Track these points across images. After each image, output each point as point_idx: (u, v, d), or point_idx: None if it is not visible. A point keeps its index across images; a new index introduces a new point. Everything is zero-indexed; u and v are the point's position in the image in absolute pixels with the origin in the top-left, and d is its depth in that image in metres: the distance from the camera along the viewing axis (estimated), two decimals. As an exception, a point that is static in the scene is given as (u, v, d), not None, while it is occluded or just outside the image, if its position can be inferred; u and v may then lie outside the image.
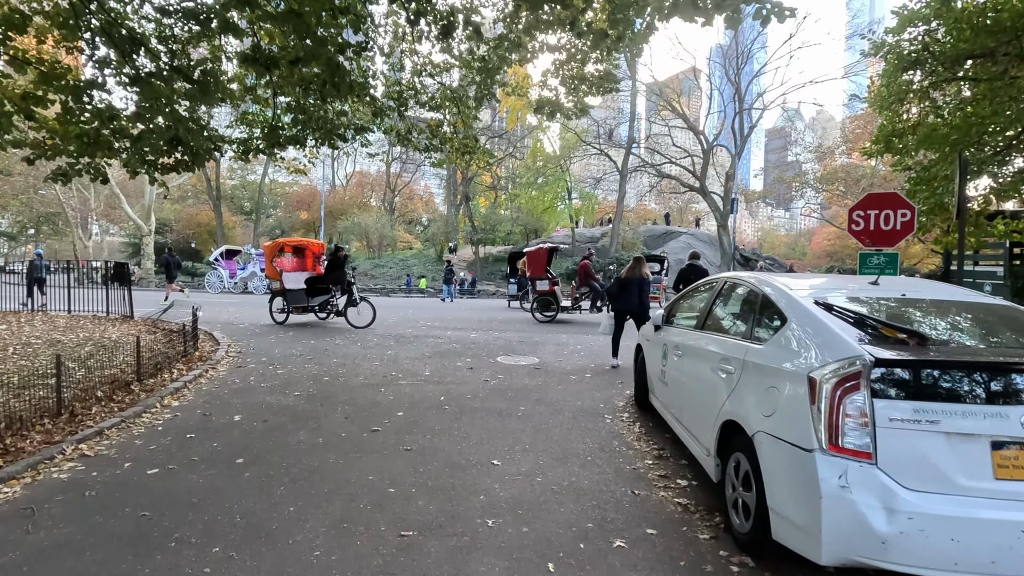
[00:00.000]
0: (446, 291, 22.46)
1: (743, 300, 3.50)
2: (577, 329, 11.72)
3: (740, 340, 3.15)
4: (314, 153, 11.62)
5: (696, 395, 3.57)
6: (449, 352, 8.38)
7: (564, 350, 8.81)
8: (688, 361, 3.87)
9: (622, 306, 7.78)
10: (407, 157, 60.68)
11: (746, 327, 3.24)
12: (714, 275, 4.74)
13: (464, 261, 43.33)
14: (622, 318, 7.89)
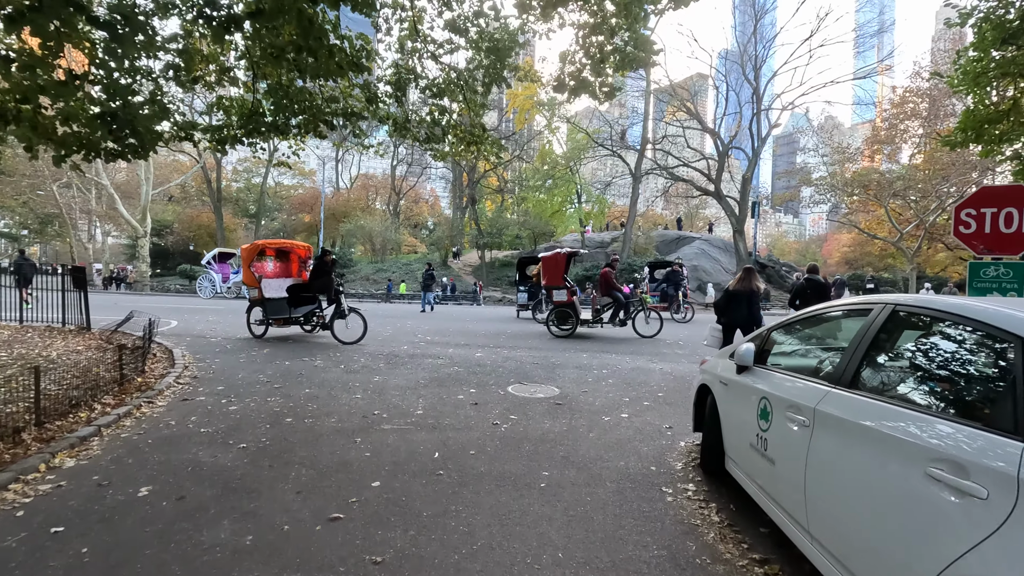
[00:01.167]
0: (424, 299, 19.58)
1: (967, 347, 2.02)
2: (600, 347, 10.23)
3: (988, 432, 1.67)
4: (299, 143, 10.26)
5: (863, 513, 2.06)
6: (449, 379, 6.92)
7: (588, 376, 7.33)
8: (831, 442, 2.37)
9: (731, 319, 7.43)
10: (412, 159, 59.60)
11: (990, 405, 1.77)
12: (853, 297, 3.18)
13: (469, 266, 41.96)
14: (731, 332, 7.47)
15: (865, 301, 2.70)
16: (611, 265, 11.59)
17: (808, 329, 3.17)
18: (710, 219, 56.75)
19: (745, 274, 7.59)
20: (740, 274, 7.68)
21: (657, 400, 6.08)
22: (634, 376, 7.39)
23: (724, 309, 7.54)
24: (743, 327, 7.36)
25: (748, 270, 7.66)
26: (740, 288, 7.48)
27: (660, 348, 10.17)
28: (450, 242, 39.68)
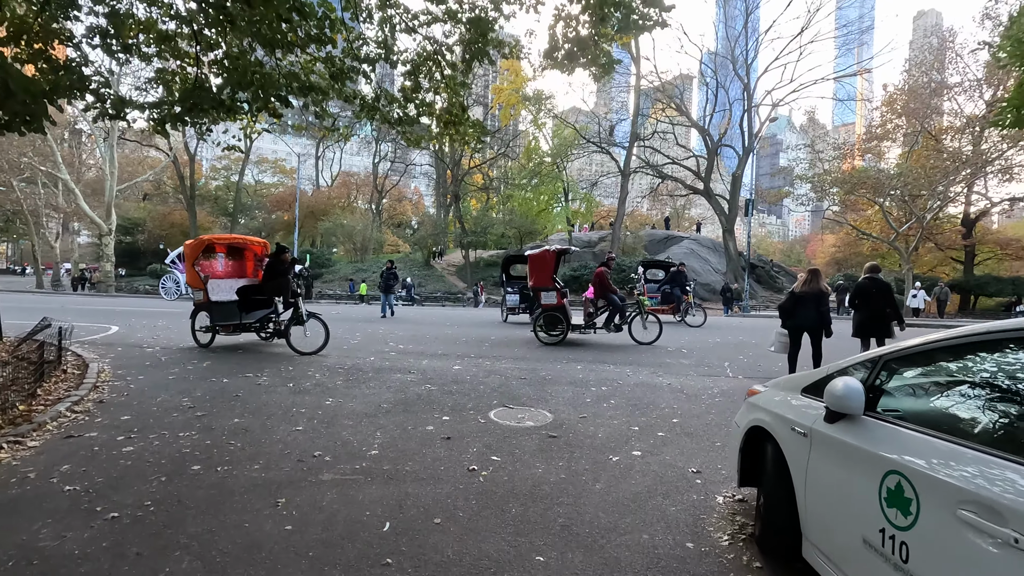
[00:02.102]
0: (384, 302, 16.18)
1: None
2: (595, 356, 9.09)
3: None
4: (252, 123, 8.98)
5: None
6: (419, 401, 5.71)
7: (586, 394, 6.18)
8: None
9: (799, 322, 7.36)
10: (396, 156, 58.12)
11: None
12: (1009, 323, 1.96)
13: (453, 266, 40.71)
14: (798, 335, 7.43)
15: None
16: (606, 264, 10.47)
17: (962, 361, 2.03)
18: (697, 219, 56.16)
19: (812, 275, 7.39)
20: (806, 275, 7.47)
21: (673, 429, 4.94)
22: (640, 395, 6.25)
23: (791, 312, 7.39)
24: (812, 331, 7.33)
25: (814, 271, 7.52)
26: (808, 290, 7.28)
27: (662, 357, 9.06)
28: (433, 241, 38.35)
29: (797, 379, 2.94)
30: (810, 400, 2.64)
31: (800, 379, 2.90)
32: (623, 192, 33.71)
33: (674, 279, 15.54)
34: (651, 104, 37.29)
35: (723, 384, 7.00)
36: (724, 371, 7.98)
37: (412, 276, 36.15)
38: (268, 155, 62.55)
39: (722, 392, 6.49)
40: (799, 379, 2.91)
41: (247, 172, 57.59)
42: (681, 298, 15.32)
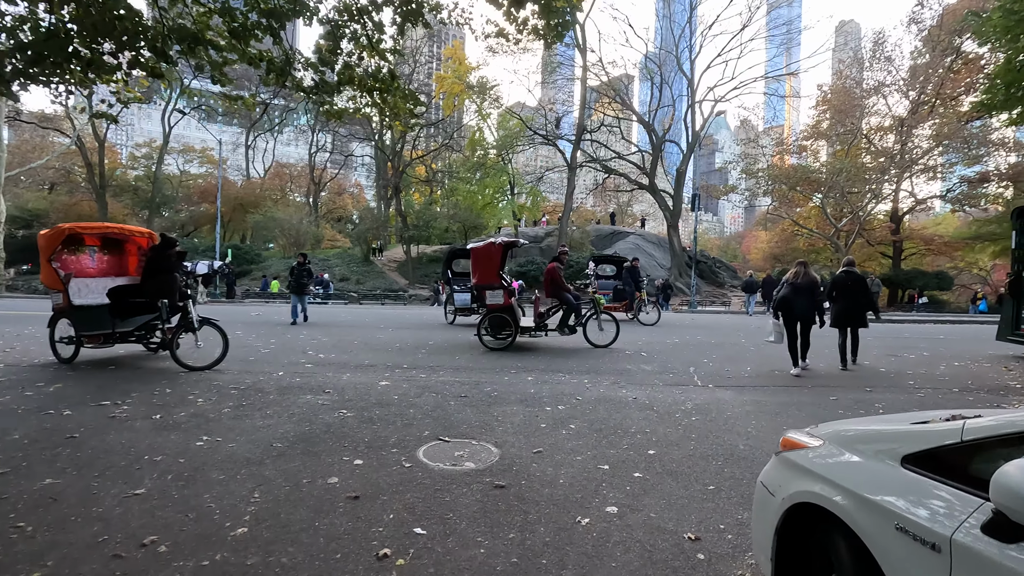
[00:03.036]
0: (295, 305, 13.30)
1: None
2: (547, 363, 8.01)
3: None
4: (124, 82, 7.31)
5: None
6: (326, 436, 4.41)
7: (539, 416, 5.06)
8: None
9: (800, 311, 7.64)
10: (334, 147, 55.27)
11: None
12: None
13: (394, 262, 38.87)
14: (795, 325, 7.73)
15: None
16: (558, 259, 9.42)
17: None
18: (641, 215, 56.60)
19: (803, 267, 7.77)
20: (797, 268, 7.78)
21: (651, 466, 3.90)
22: (604, 415, 5.20)
23: (791, 302, 7.64)
24: (806, 321, 7.66)
25: (803, 263, 7.89)
26: (804, 281, 7.61)
27: (622, 363, 8.11)
28: (372, 236, 36.37)
29: (884, 434, 1.92)
30: (927, 480, 1.60)
31: (891, 436, 1.87)
32: (570, 186, 33.02)
33: (629, 275, 14.76)
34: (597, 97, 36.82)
35: (695, 396, 6.08)
36: (692, 378, 7.10)
37: (350, 271, 34.11)
38: (195, 143, 58.09)
39: (697, 408, 5.55)
40: (889, 435, 1.89)
41: (172, 161, 53.25)
42: (635, 295, 14.57)
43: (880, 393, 6.42)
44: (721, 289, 35.82)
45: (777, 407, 5.67)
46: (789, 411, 5.52)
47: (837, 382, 7.05)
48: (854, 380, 7.20)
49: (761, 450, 4.30)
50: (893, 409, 5.68)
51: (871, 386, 6.78)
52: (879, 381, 7.13)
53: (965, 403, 6.04)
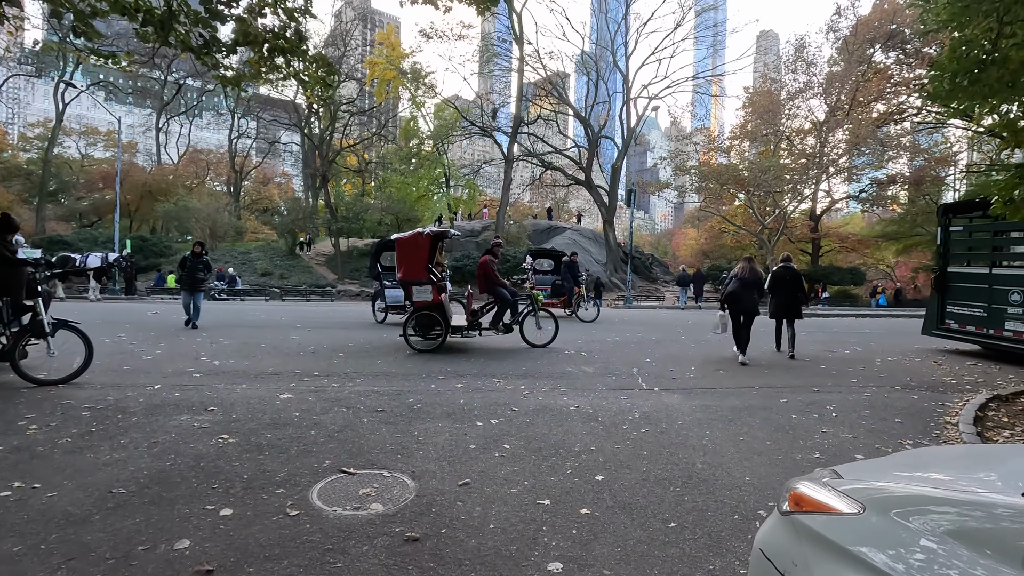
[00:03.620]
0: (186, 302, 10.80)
1: None
2: (481, 366, 7.25)
3: None
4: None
5: None
6: (191, 474, 3.43)
7: (468, 435, 4.30)
8: None
9: (746, 304, 7.98)
10: (258, 132, 51.83)
11: None
12: None
13: (323, 255, 36.83)
14: (738, 317, 8.08)
15: None
16: (492, 252, 8.66)
17: None
18: (577, 211, 56.98)
19: (748, 263, 8.24)
20: (744, 264, 8.24)
21: (600, 498, 3.24)
22: (543, 430, 4.52)
23: (738, 296, 8.01)
24: (749, 313, 8.05)
25: (749, 258, 8.39)
26: (750, 277, 8.08)
27: (562, 364, 7.49)
28: (297, 228, 34.21)
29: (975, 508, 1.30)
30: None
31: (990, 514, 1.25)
32: (507, 179, 32.39)
33: (568, 270, 14.26)
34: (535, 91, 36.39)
35: (641, 402, 5.53)
36: (636, 381, 6.58)
37: (272, 265, 31.89)
38: (100, 125, 52.67)
39: (645, 417, 4.98)
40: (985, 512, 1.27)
41: (72, 144, 48.05)
42: (574, 290, 14.09)
43: (828, 393, 6.14)
44: (654, 284, 36.48)
45: (729, 413, 5.21)
46: (741, 417, 5.07)
47: (783, 381, 6.75)
48: (800, 379, 6.94)
49: (721, 468, 3.76)
50: (844, 410, 5.38)
51: (817, 386, 6.52)
52: (823, 379, 6.90)
53: (911, 401, 5.85)
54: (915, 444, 4.47)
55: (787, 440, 4.45)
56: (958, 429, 4.80)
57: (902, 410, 5.50)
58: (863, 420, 5.10)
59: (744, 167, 30.08)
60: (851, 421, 5.05)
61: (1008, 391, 6.13)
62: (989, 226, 8.82)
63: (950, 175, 35.58)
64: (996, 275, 8.34)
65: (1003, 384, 6.87)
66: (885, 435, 4.67)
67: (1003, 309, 8.18)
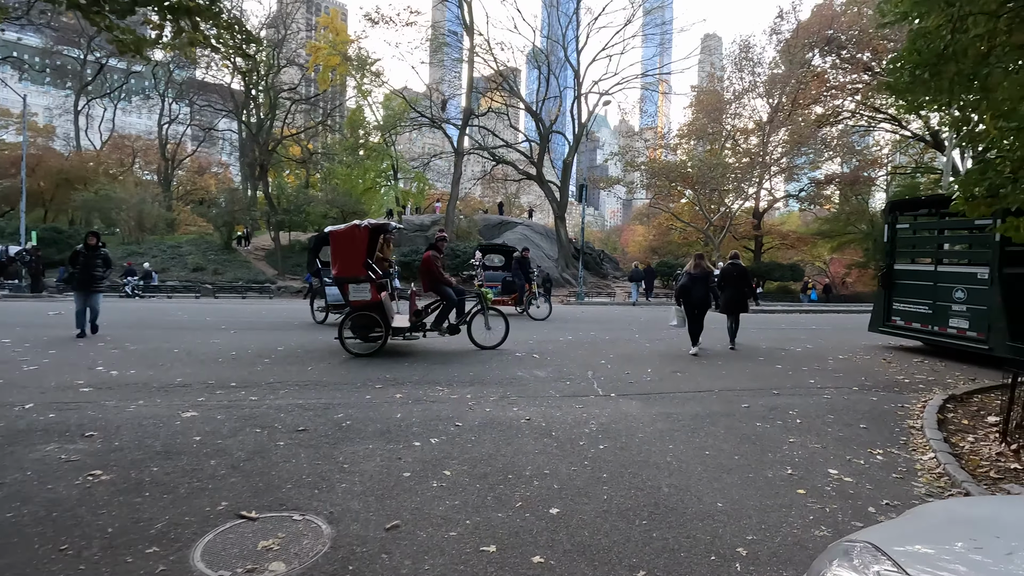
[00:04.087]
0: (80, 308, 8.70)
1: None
2: (424, 373, 6.62)
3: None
4: None
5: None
6: (32, 527, 2.66)
7: (404, 459, 3.69)
8: None
9: (698, 298, 8.35)
10: (192, 118, 48.63)
11: None
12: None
13: (262, 250, 34.94)
14: (693, 309, 8.43)
15: None
16: (436, 247, 8.02)
17: None
18: (528, 206, 56.80)
19: (699, 259, 8.62)
20: (696, 260, 8.59)
21: (554, 536, 2.72)
22: (489, 449, 3.97)
23: (690, 291, 8.37)
24: (702, 306, 8.46)
25: (701, 255, 8.79)
26: (700, 272, 8.42)
27: (512, 368, 6.97)
28: (232, 220, 32.25)
29: None
30: None
31: None
32: (457, 172, 31.61)
33: (519, 266, 13.74)
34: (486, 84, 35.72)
35: (597, 411, 5.08)
36: (591, 386, 6.13)
37: (206, 260, 29.88)
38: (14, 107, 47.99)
39: (602, 429, 4.53)
40: None
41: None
42: (524, 287, 13.60)
43: (788, 396, 5.89)
44: (605, 280, 36.62)
45: (691, 422, 4.83)
46: (705, 426, 4.70)
47: (742, 384, 6.47)
48: (758, 381, 6.70)
49: (690, 492, 3.34)
50: (808, 416, 5.11)
51: (777, 388, 6.28)
52: (782, 381, 6.68)
53: (871, 404, 5.67)
54: (884, 453, 4.21)
55: (755, 453, 4.09)
56: (924, 435, 4.59)
57: (864, 414, 5.29)
58: (828, 427, 4.83)
59: (691, 164, 30.52)
60: (817, 428, 4.77)
61: (960, 391, 6.07)
62: (934, 224, 8.95)
63: (880, 176, 37.37)
64: (941, 273, 8.44)
65: (953, 383, 6.86)
66: (854, 444, 4.40)
67: (947, 307, 8.27)
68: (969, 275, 7.98)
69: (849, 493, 3.44)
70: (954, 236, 9.22)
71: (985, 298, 7.70)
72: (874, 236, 36.69)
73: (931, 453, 4.21)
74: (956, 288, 8.16)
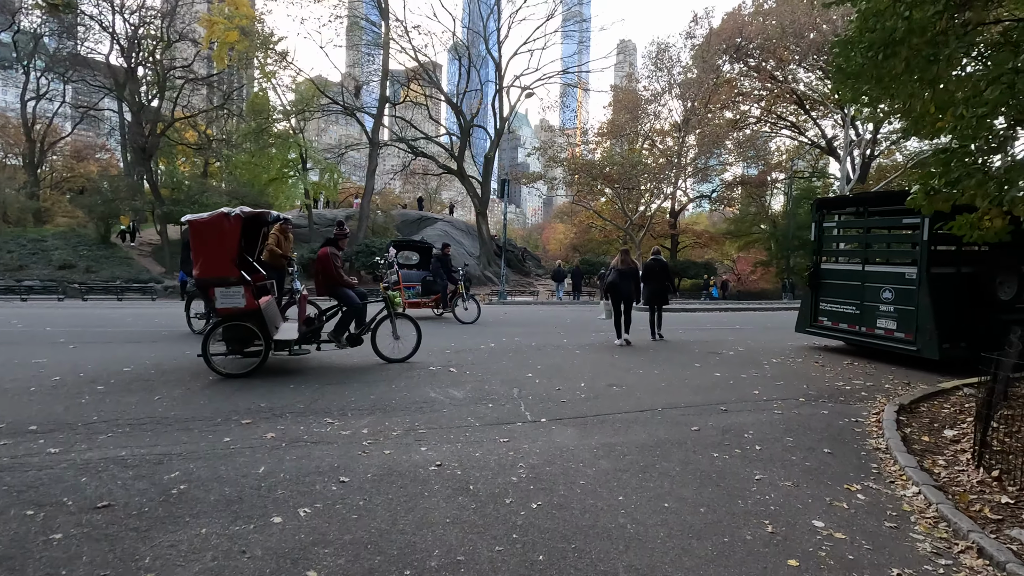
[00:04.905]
0: None
1: None
2: (312, 400, 5.31)
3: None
4: None
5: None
6: None
7: (252, 545, 2.48)
8: None
9: (624, 292, 8.98)
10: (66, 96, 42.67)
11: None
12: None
13: (149, 244, 31.22)
14: (620, 303, 9.04)
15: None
16: (334, 242, 6.70)
17: None
18: (449, 202, 55.41)
19: (624, 255, 9.10)
20: (621, 256, 9.08)
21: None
22: (381, 523, 2.86)
23: (617, 285, 8.85)
24: (628, 299, 9.00)
25: (625, 251, 9.35)
26: (626, 268, 8.91)
27: (423, 387, 5.84)
28: (110, 210, 28.41)
29: None
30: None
31: None
32: (372, 163, 29.72)
33: (440, 264, 12.51)
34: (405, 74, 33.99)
35: (527, 446, 4.10)
36: (518, 408, 5.16)
37: (79, 258, 26.04)
38: None
39: (534, 476, 3.55)
40: None
41: None
42: (446, 288, 12.40)
43: (737, 413, 5.22)
44: (528, 278, 36.10)
45: (639, 456, 3.97)
46: (656, 463, 3.85)
47: (685, 398, 5.76)
48: (700, 393, 6.03)
49: (659, 571, 2.42)
50: (765, 439, 4.42)
51: (722, 402, 5.61)
52: (725, 393, 6.04)
53: (824, 419, 5.12)
54: (863, 489, 3.55)
55: (723, 501, 3.28)
56: (895, 460, 4.01)
57: (822, 433, 4.70)
58: (791, 454, 4.15)
59: (611, 163, 30.59)
60: (780, 457, 4.08)
61: (906, 399, 5.70)
62: (862, 222, 8.82)
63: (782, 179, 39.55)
64: (868, 272, 8.28)
65: (892, 388, 6.55)
66: (826, 477, 3.72)
67: (875, 307, 8.11)
68: (897, 275, 7.84)
69: (848, 559, 2.68)
70: (882, 235, 9.18)
71: (913, 298, 7.56)
72: (776, 236, 38.94)
73: (913, 487, 3.60)
74: (884, 288, 8.01)
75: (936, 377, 7.09)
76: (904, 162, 33.17)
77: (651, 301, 9.87)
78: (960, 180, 4.30)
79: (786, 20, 28.53)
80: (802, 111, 34.69)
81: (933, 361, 7.43)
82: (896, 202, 7.98)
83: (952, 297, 7.43)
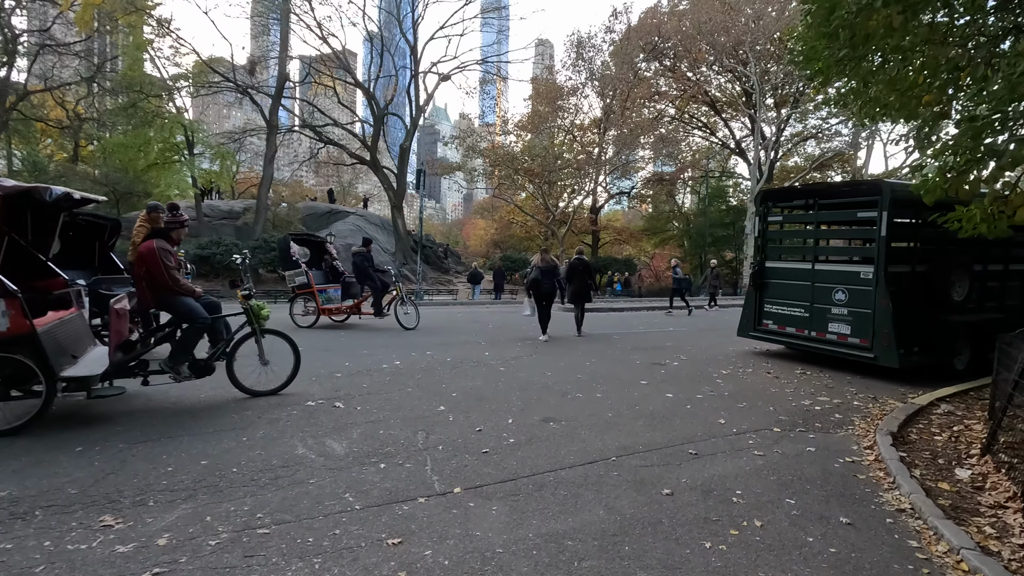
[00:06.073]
0: None
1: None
2: (112, 469, 3.46)
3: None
4: None
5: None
6: None
7: None
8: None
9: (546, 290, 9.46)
10: None
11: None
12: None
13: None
14: (542, 300, 9.52)
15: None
16: (164, 234, 4.78)
17: None
18: (365, 195, 52.33)
19: (544, 254, 9.87)
20: (541, 254, 9.87)
21: None
22: None
23: (539, 283, 9.42)
24: (549, 297, 9.62)
25: (546, 250, 10.58)
26: (547, 266, 9.54)
27: (290, 437, 4.16)
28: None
29: None
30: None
31: None
32: (270, 149, 26.70)
33: (364, 261, 10.55)
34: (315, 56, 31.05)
35: (430, 549, 2.62)
36: (422, 468, 3.65)
37: None
38: None
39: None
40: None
41: None
42: (378, 288, 10.46)
43: (709, 457, 4.04)
44: (447, 276, 34.37)
45: (601, 558, 2.61)
46: (629, 570, 2.51)
47: (644, 439, 4.51)
48: (659, 431, 4.81)
49: None
50: (761, 506, 3.23)
51: (687, 440, 4.41)
52: (688, 426, 4.86)
53: (814, 460, 4.05)
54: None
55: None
56: (941, 536, 2.94)
57: (823, 487, 3.59)
58: (804, 532, 2.97)
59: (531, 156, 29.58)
60: (792, 540, 2.88)
61: (892, 425, 4.80)
62: (812, 217, 8.08)
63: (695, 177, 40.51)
64: (819, 271, 7.53)
65: (861, 405, 5.71)
66: (863, 572, 2.55)
67: (827, 309, 7.37)
68: (851, 274, 7.12)
69: None
70: (834, 231, 8.54)
71: (869, 300, 6.84)
72: (690, 233, 39.90)
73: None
74: (836, 289, 7.28)
75: (898, 387, 6.39)
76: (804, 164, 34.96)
77: (575, 299, 10.15)
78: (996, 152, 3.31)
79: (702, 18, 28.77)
80: (713, 112, 35.53)
81: (890, 369, 6.76)
82: (849, 194, 7.24)
83: (908, 298, 6.79)
